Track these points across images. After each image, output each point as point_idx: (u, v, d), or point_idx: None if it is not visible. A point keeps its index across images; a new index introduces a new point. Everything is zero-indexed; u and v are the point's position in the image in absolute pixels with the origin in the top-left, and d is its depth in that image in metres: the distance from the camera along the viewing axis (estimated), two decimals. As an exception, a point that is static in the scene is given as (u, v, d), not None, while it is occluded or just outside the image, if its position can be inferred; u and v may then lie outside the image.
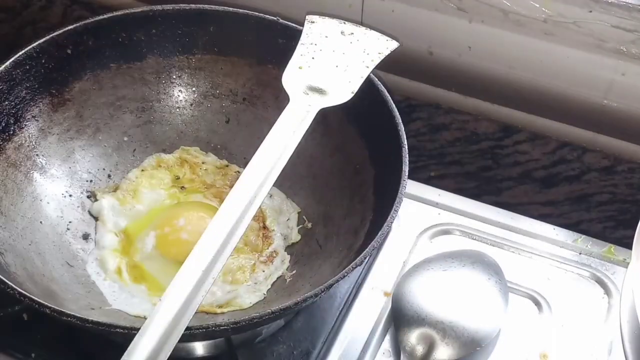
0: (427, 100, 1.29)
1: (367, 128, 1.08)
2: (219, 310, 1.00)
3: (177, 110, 1.18)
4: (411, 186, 1.18)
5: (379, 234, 0.91)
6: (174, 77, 1.17)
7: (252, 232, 1.08)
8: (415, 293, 1.04)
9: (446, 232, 1.17)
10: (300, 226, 1.11)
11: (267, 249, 1.08)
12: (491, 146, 1.28)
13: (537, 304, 1.08)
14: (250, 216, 0.84)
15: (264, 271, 1.05)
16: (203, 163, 1.16)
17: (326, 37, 1.06)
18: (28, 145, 1.05)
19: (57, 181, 1.08)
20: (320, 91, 1.00)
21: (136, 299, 1.01)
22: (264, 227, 1.10)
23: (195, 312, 0.77)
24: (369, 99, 1.04)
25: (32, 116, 1.06)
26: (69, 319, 0.82)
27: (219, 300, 1.01)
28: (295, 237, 1.10)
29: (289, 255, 1.08)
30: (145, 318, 0.93)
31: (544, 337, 1.04)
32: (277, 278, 1.05)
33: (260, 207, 0.86)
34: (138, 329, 0.75)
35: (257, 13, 1.13)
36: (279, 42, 1.12)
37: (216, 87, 1.18)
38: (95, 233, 1.08)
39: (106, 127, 1.14)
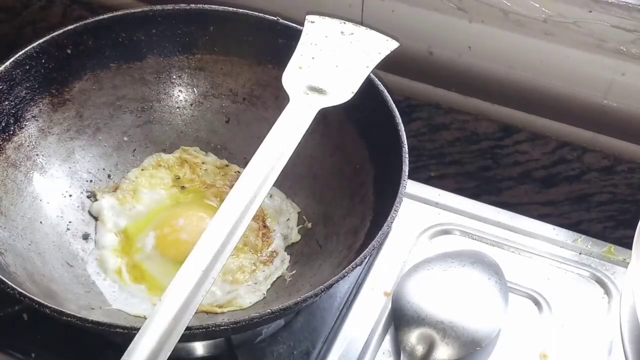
0: (427, 100, 1.29)
1: (367, 128, 1.08)
2: (219, 310, 1.00)
3: (177, 110, 1.18)
4: (411, 186, 1.18)
5: (379, 234, 0.91)
6: (174, 77, 1.17)
7: (252, 232, 1.08)
8: (415, 293, 1.04)
9: (446, 232, 1.17)
10: (300, 226, 1.11)
11: (267, 248, 1.08)
12: (491, 146, 1.28)
13: (537, 304, 1.08)
14: (250, 216, 0.84)
15: (264, 271, 1.05)
16: (203, 163, 1.16)
17: (326, 37, 1.06)
18: (28, 145, 1.05)
19: (57, 181, 1.08)
20: (320, 91, 1.00)
21: (136, 299, 1.01)
22: (264, 227, 1.10)
23: (195, 312, 0.76)
24: (369, 99, 1.04)
25: (32, 116, 1.06)
26: (69, 318, 0.82)
27: (219, 300, 1.01)
28: (295, 237, 1.10)
29: (289, 255, 1.08)
30: (145, 318, 0.93)
31: (544, 337, 1.04)
32: (277, 278, 1.05)
33: (260, 207, 0.86)
34: (138, 329, 0.75)
35: (257, 13, 1.13)
36: (279, 42, 1.12)
37: (216, 87, 1.18)
38: (95, 233, 1.08)
39: (106, 127, 1.14)
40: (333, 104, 0.99)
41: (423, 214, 1.19)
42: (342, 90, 1.00)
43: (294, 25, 1.11)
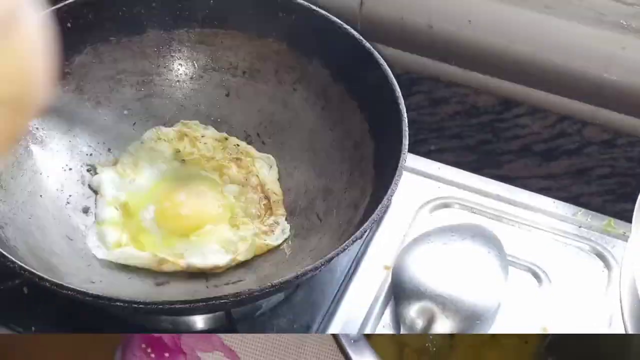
0: (428, 73, 1.29)
1: (367, 102, 1.07)
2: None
3: (177, 83, 1.17)
4: (411, 160, 1.17)
5: (378, 208, 0.90)
6: (174, 50, 1.17)
7: (253, 203, 1.08)
8: (415, 267, 1.04)
9: (446, 206, 1.17)
10: (301, 199, 1.11)
11: (268, 219, 1.07)
12: (491, 119, 1.28)
13: (537, 277, 1.08)
14: None
15: (265, 240, 1.05)
16: (202, 136, 1.15)
17: None
18: (27, 119, 1.05)
19: (57, 155, 1.08)
20: None
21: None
22: (265, 198, 1.09)
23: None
24: (369, 72, 1.04)
25: (32, 90, 1.06)
26: (69, 292, 0.82)
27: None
28: (295, 210, 1.10)
29: (289, 225, 1.08)
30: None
31: (543, 310, 1.05)
32: (277, 251, 1.05)
33: (260, 178, 0.86)
34: (138, 302, 0.75)
35: (257, -14, 1.13)
36: (279, 15, 1.11)
37: (216, 60, 1.17)
38: (95, 207, 1.08)
39: (106, 101, 1.13)
40: None
41: (423, 188, 1.18)
42: None
43: (294, -1, 1.11)
